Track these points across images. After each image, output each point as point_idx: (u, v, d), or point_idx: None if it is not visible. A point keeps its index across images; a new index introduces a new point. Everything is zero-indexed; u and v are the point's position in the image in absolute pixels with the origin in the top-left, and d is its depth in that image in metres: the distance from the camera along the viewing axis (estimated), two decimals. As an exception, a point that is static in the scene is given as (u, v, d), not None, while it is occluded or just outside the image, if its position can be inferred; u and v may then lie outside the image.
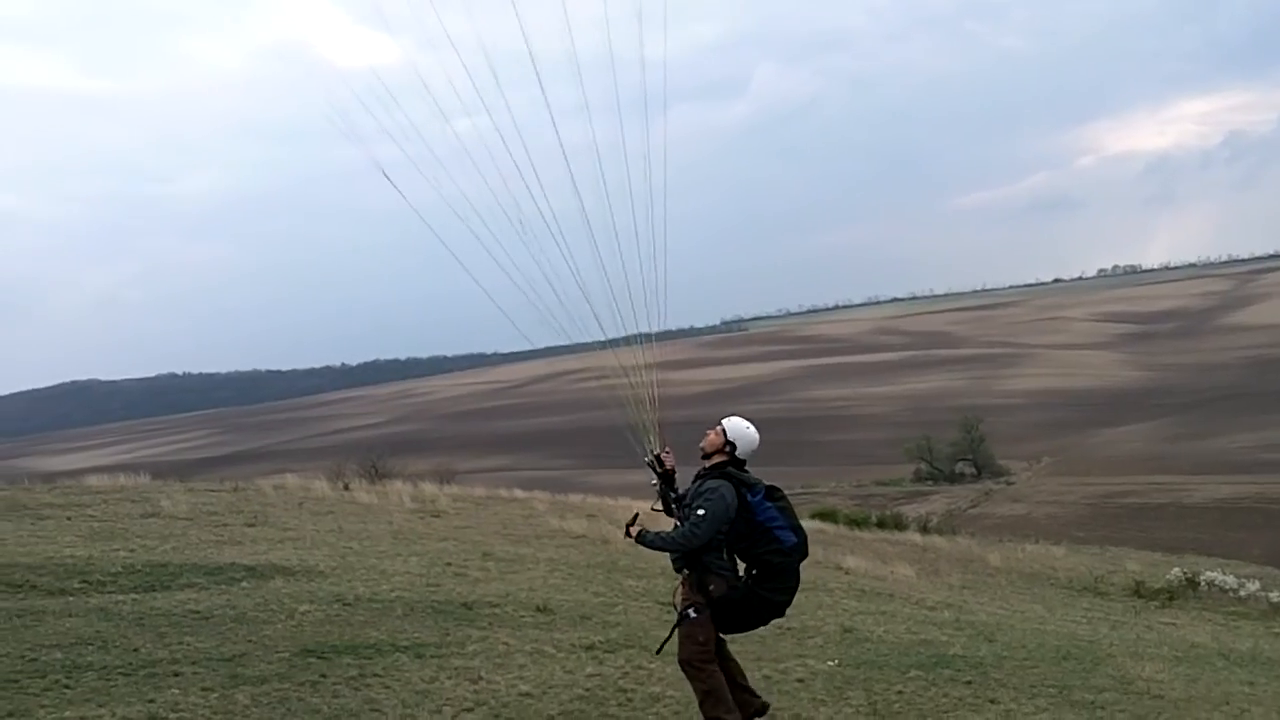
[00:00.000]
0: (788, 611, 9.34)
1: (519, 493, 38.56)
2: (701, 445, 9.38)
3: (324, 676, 10.63)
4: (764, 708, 9.46)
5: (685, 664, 9.12)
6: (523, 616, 14.67)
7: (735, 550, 9.11)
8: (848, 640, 15.17)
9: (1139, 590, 27.44)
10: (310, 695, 9.93)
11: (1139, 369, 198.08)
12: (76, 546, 19.19)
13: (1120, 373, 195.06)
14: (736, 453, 9.30)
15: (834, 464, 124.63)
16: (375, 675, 10.82)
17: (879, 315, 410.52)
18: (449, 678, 10.88)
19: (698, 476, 9.30)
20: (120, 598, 14.73)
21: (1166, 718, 11.96)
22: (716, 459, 9.29)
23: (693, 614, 9.03)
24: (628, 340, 9.93)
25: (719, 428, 9.40)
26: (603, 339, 9.96)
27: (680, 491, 9.39)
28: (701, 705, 9.03)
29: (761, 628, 9.50)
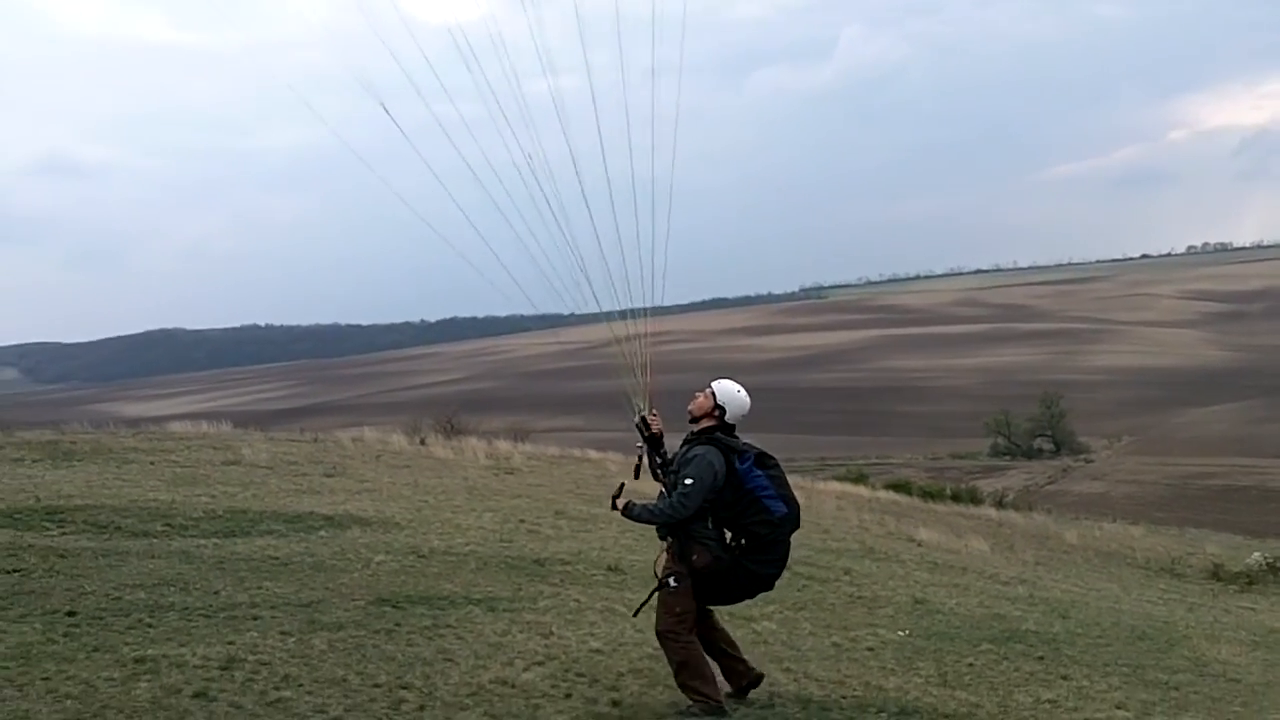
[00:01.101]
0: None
1: (592, 453, 38.71)
2: (689, 409, 8.97)
3: (398, 625, 10.78)
4: (758, 678, 9.20)
5: (662, 634, 8.73)
6: (594, 575, 14.76)
7: (722, 519, 8.67)
8: (919, 611, 15.10)
9: (1217, 573, 26.95)
10: (385, 643, 10.07)
11: (1226, 349, 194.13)
12: (160, 491, 19.60)
13: (1207, 352, 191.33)
14: (726, 417, 8.85)
15: (910, 435, 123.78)
16: (448, 626, 10.95)
17: (961, 286, 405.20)
18: (520, 631, 11.00)
19: (685, 442, 8.88)
20: (201, 542, 15.04)
21: (1242, 701, 11.78)
22: (705, 423, 8.88)
23: (673, 583, 8.64)
24: (624, 314, 9.49)
25: (708, 390, 8.95)
26: (600, 309, 9.52)
27: (669, 456, 8.95)
28: (676, 676, 8.70)
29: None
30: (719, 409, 8.84)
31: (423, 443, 33.84)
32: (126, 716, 7.66)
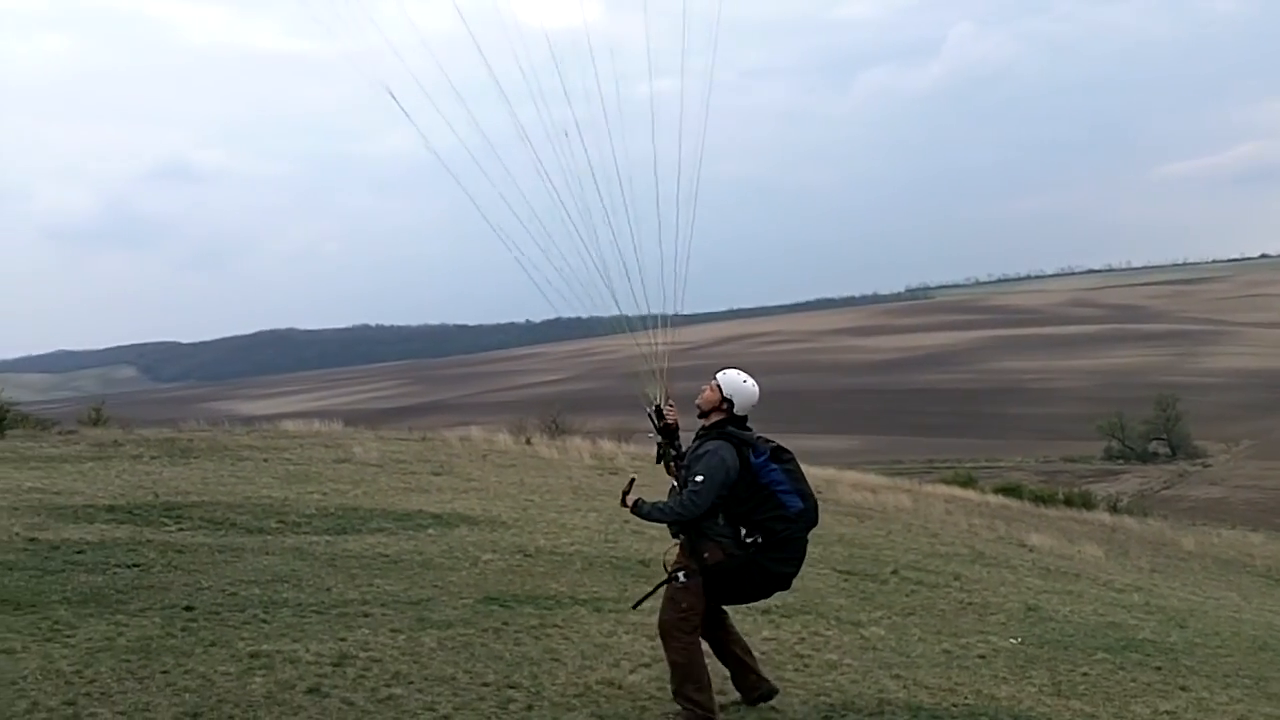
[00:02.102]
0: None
1: (698, 454, 38.67)
2: (697, 403, 8.58)
3: (506, 624, 10.86)
4: (771, 691, 8.81)
5: (663, 630, 8.44)
6: (700, 577, 14.70)
7: (735, 515, 8.26)
8: (1031, 619, 14.82)
9: (1344, 583, 26.14)
10: (493, 642, 10.15)
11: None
12: (273, 488, 20.03)
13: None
14: (734, 409, 8.48)
15: (1021, 438, 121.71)
16: (555, 626, 11.00)
17: (1073, 286, 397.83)
18: (626, 633, 10.99)
19: (697, 437, 8.53)
20: (314, 538, 15.32)
21: (1372, 717, 11.37)
22: (714, 417, 8.49)
23: (682, 578, 8.31)
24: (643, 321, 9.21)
25: (714, 383, 8.56)
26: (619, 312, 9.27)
27: (682, 450, 8.61)
28: (671, 677, 8.44)
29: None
30: (727, 401, 8.48)
31: (528, 442, 34.13)
32: (242, 711, 7.81)
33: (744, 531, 8.23)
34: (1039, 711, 9.67)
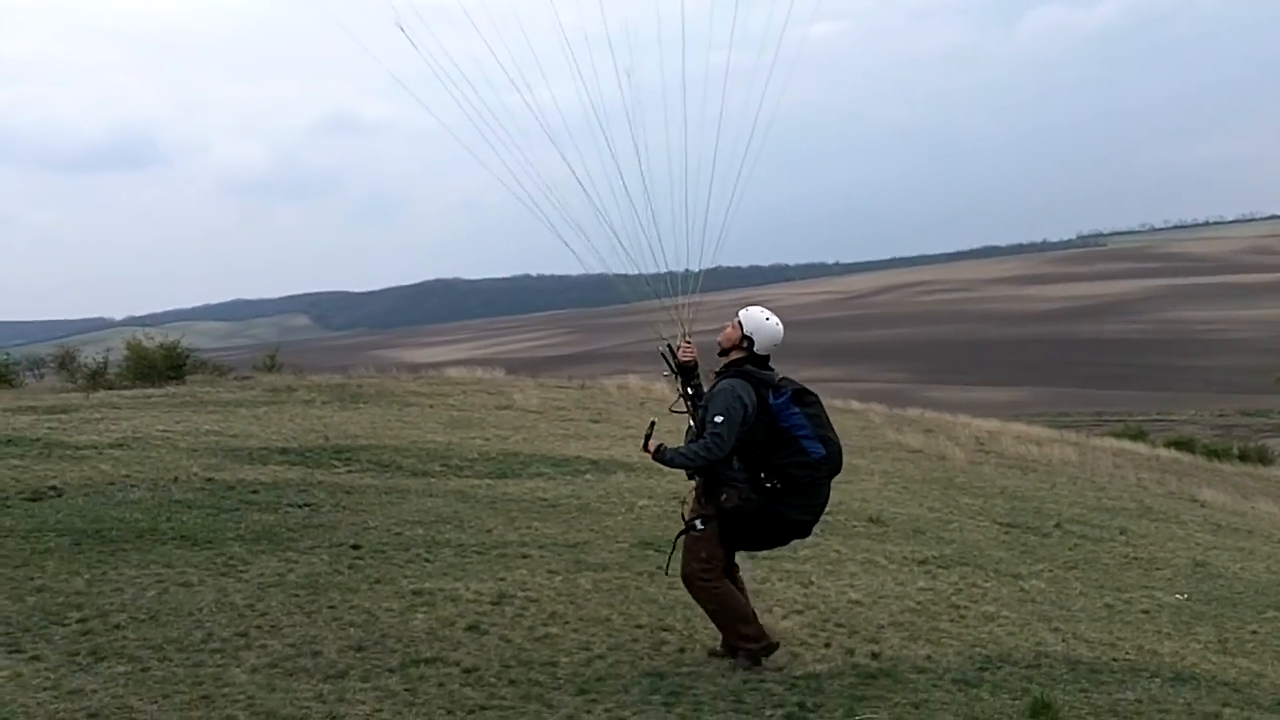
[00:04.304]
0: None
1: (855, 404, 38.42)
2: (719, 340, 8.25)
3: (660, 569, 10.97)
4: (771, 646, 8.36)
5: (688, 580, 8.21)
6: (855, 526, 14.66)
7: (753, 459, 7.93)
8: (1199, 575, 14.39)
9: None
10: (647, 585, 10.28)
11: None
12: (437, 433, 20.52)
13: None
14: (755, 348, 8.13)
15: (1195, 390, 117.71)
16: (709, 571, 11.07)
17: (1254, 233, 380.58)
18: (780, 579, 11.03)
19: (717, 375, 8.19)
20: (476, 482, 15.68)
21: None
22: (734, 355, 8.18)
23: (699, 526, 8.06)
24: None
25: (736, 320, 8.20)
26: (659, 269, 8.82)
27: (701, 389, 8.32)
28: (716, 623, 8.22)
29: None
30: (747, 339, 8.14)
31: (676, 401, 34.20)
32: (404, 645, 8.07)
33: (763, 476, 7.93)
34: (1203, 668, 9.40)
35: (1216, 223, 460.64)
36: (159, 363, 30.27)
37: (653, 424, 8.51)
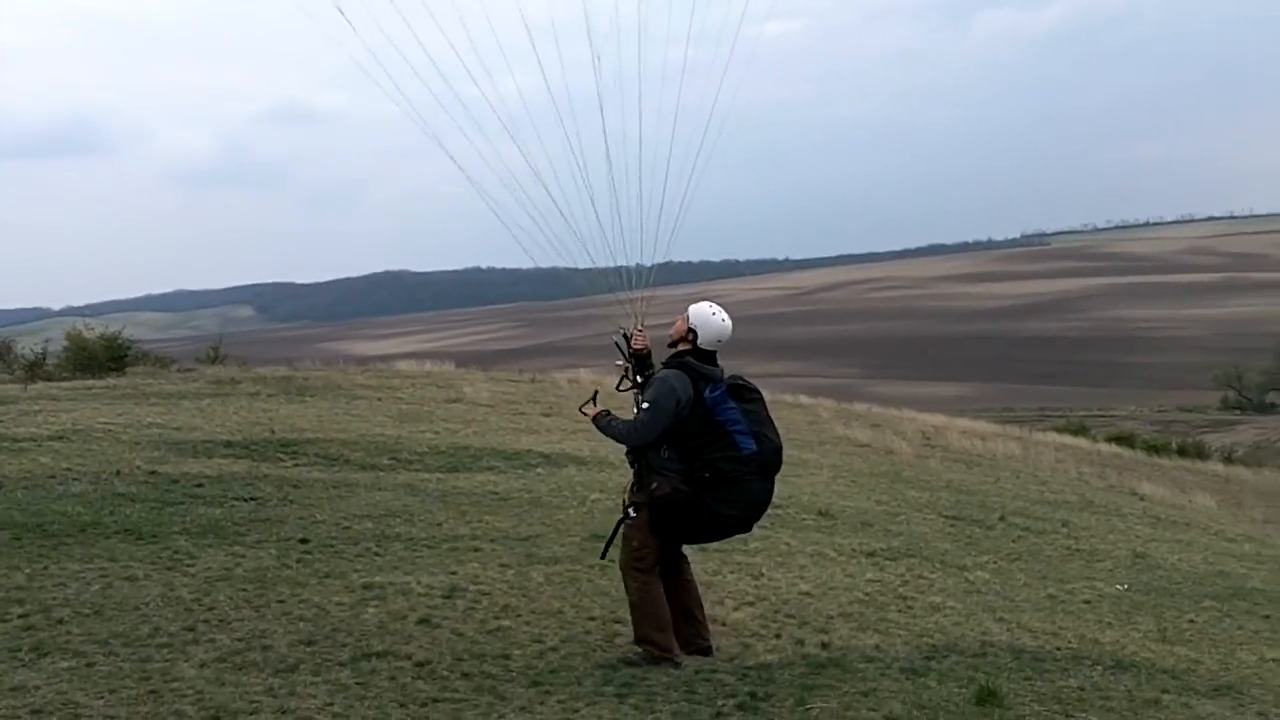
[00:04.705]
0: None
1: (804, 399, 38.62)
2: (670, 332, 8.26)
3: (613, 561, 10.99)
4: (707, 650, 8.33)
5: (622, 568, 8.26)
6: (804, 519, 14.75)
7: (686, 450, 7.95)
8: (1139, 566, 14.64)
9: None
10: (599, 578, 10.29)
11: None
12: (386, 426, 20.43)
13: None
14: (699, 342, 8.12)
15: (1134, 388, 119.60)
16: (660, 564, 11.11)
17: (1193, 234, 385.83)
18: (731, 572, 11.09)
19: (663, 366, 8.25)
20: (426, 476, 15.64)
21: None
22: (680, 348, 8.19)
23: (632, 514, 8.09)
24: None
25: (685, 313, 8.24)
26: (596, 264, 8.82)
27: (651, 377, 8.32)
28: (632, 615, 8.24)
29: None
30: (692, 332, 8.15)
31: (619, 387, 34.26)
32: (355, 639, 8.04)
33: (696, 466, 7.95)
34: (1143, 656, 9.57)
35: (1157, 223, 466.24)
36: (99, 354, 29.95)
37: (595, 392, 8.61)
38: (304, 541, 10.94)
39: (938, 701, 7.56)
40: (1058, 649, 9.47)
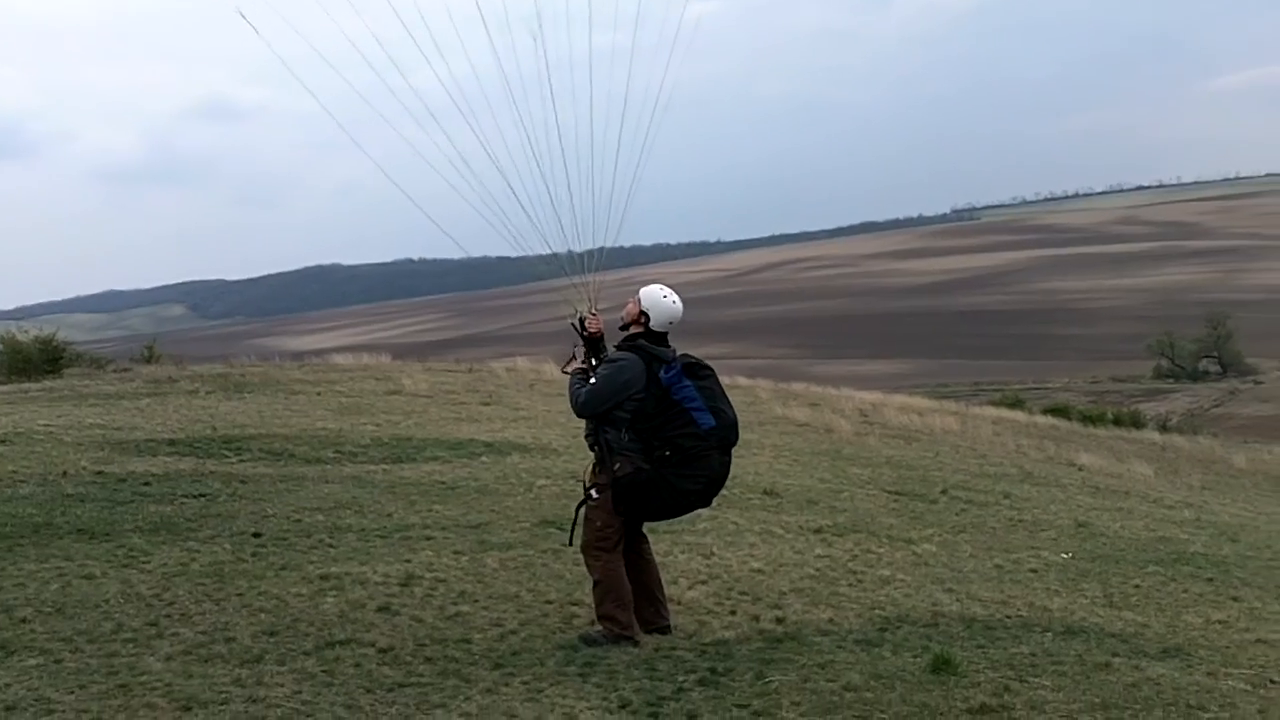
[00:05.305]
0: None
1: (741, 380, 38.83)
2: (621, 316, 8.45)
3: (564, 545, 11.10)
4: (666, 629, 8.50)
5: (583, 549, 8.43)
6: (750, 499, 14.92)
7: (645, 430, 8.13)
8: (1082, 534, 14.95)
9: (1396, 497, 26.00)
10: (553, 562, 10.40)
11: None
12: (327, 420, 20.35)
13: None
14: (651, 324, 8.31)
15: (1068, 359, 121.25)
16: (612, 547, 11.22)
17: (1122, 204, 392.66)
18: (682, 552, 11.23)
19: (616, 349, 8.42)
20: (371, 467, 15.63)
21: None
22: (633, 330, 8.39)
23: (594, 495, 8.27)
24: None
25: (636, 296, 8.42)
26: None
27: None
28: (594, 594, 8.35)
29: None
30: (644, 315, 8.33)
31: (565, 369, 34.31)
32: (317, 629, 8.09)
33: (656, 445, 8.11)
34: (1091, 622, 9.81)
35: (1087, 194, 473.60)
36: (35, 357, 29.59)
37: (574, 355, 8.71)
38: (257, 535, 10.94)
39: (894, 671, 7.74)
40: (1008, 617, 9.70)
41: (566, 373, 8.73)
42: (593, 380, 8.21)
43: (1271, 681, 8.29)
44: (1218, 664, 8.66)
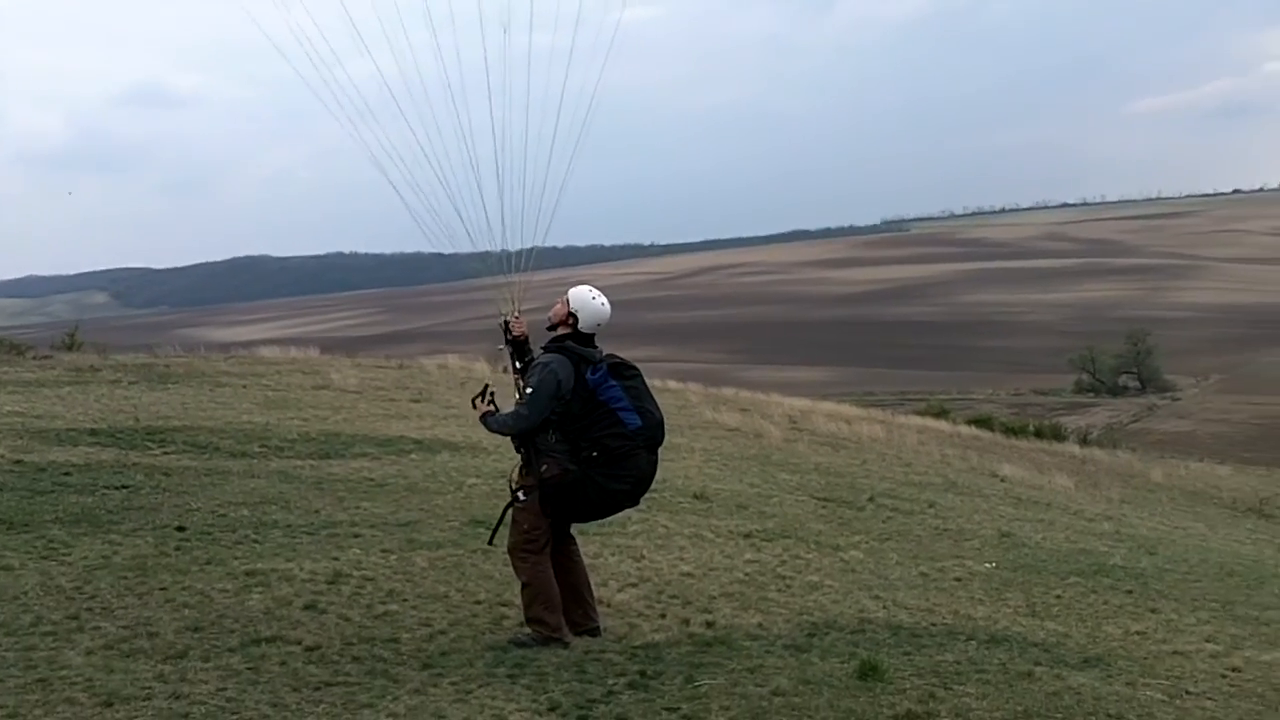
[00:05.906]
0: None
1: (672, 384, 38.89)
2: (548, 316, 8.45)
3: (495, 546, 11.04)
4: (595, 631, 8.52)
5: (510, 551, 8.42)
6: (680, 503, 14.94)
7: (572, 431, 8.14)
8: (1005, 544, 15.11)
9: (1307, 514, 26.60)
10: (482, 562, 10.34)
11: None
12: (254, 414, 20.08)
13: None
14: (579, 326, 8.30)
15: (992, 371, 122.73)
16: (542, 548, 11.18)
17: (1047, 220, 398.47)
18: (613, 554, 11.22)
19: (543, 350, 8.42)
20: (298, 463, 15.46)
21: (1335, 639, 11.70)
22: (560, 331, 8.38)
23: (521, 497, 8.26)
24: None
25: (564, 297, 8.40)
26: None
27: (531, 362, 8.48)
28: (521, 598, 8.37)
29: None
30: (573, 316, 8.32)
31: (505, 370, 34.20)
32: (243, 625, 7.99)
33: (583, 446, 8.11)
34: (1014, 631, 9.93)
35: (1013, 209, 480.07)
36: (-49, 342, 28.87)
37: (485, 386, 8.61)
38: (180, 529, 10.78)
39: (821, 676, 7.79)
40: (933, 625, 9.80)
41: (476, 408, 8.60)
42: (528, 390, 8.11)
43: (1187, 692, 8.44)
44: (1136, 674, 8.80)
